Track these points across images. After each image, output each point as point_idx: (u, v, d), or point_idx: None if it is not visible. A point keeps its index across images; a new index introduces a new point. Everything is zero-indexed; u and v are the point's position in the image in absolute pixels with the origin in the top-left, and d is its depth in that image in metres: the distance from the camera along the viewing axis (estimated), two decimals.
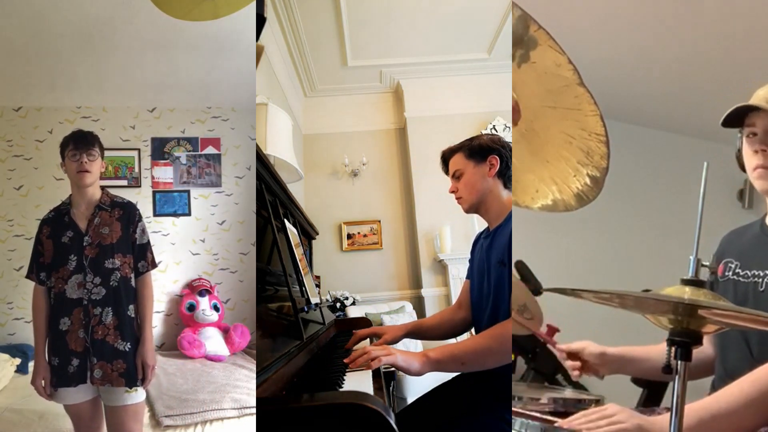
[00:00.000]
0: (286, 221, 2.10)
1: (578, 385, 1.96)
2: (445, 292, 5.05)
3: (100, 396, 1.76)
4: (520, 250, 1.73)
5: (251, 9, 1.67)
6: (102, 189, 1.84)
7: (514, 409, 1.15)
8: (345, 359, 1.41)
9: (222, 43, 3.20)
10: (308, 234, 3.30)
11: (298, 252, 2.11)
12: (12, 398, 2.52)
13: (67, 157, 1.77)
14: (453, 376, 1.77)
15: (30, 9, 2.76)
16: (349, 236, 5.41)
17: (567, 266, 3.13)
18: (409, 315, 4.59)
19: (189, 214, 4.03)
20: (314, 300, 2.08)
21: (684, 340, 0.87)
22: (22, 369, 3.02)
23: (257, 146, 1.72)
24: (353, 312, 4.54)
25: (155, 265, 1.87)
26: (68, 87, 3.63)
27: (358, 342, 1.87)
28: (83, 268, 1.72)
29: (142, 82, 3.68)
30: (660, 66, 2.98)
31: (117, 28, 2.97)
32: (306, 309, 1.92)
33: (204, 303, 3.72)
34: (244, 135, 4.15)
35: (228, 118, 4.16)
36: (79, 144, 1.76)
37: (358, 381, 1.38)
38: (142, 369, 1.73)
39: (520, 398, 1.30)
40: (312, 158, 5.54)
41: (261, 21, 1.96)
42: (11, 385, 2.77)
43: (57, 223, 1.77)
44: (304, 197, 5.36)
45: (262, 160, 1.77)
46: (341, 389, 1.29)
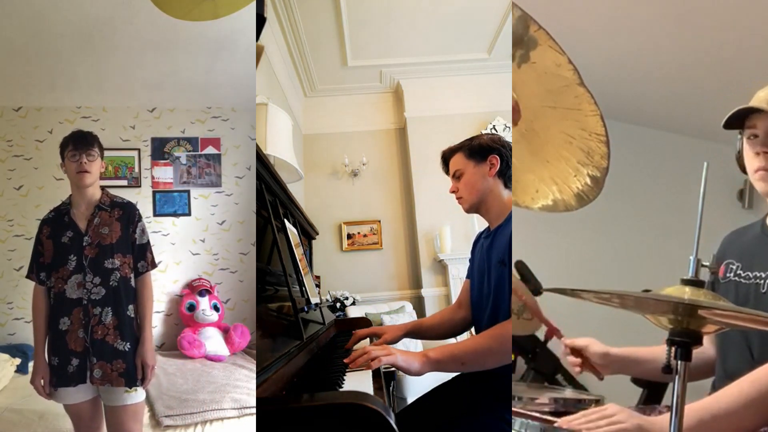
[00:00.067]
0: (286, 221, 2.10)
1: (578, 385, 1.96)
2: (445, 292, 5.05)
3: (100, 396, 1.77)
4: (520, 250, 1.73)
5: (251, 9, 1.67)
6: (102, 189, 1.84)
7: (514, 409, 1.15)
8: (345, 359, 1.41)
9: (222, 43, 3.20)
10: (308, 234, 3.30)
11: (298, 252, 2.11)
12: (12, 398, 2.52)
13: (67, 158, 1.77)
14: (453, 376, 1.77)
15: (30, 9, 2.75)
16: (349, 236, 5.41)
17: (567, 266, 3.12)
18: (409, 315, 4.59)
19: (189, 214, 4.02)
20: (314, 300, 2.08)
21: (684, 341, 0.87)
22: (22, 369, 3.02)
23: (257, 146, 1.72)
24: (353, 312, 4.54)
25: (155, 265, 1.87)
26: (68, 87, 3.63)
27: (358, 342, 1.87)
28: (83, 268, 1.72)
29: (142, 82, 3.68)
30: (660, 66, 2.98)
31: (117, 28, 2.97)
32: (306, 309, 1.92)
33: (204, 303, 3.72)
34: (244, 135, 4.14)
35: (228, 118, 4.15)
36: (79, 144, 1.76)
37: (358, 381, 1.38)
38: (142, 369, 1.73)
39: (520, 398, 1.30)
40: (312, 158, 5.54)
41: (261, 21, 1.96)
42: (11, 385, 2.77)
43: (57, 223, 1.77)
44: (304, 197, 5.36)
45: (262, 160, 1.77)
46: (341, 389, 1.29)
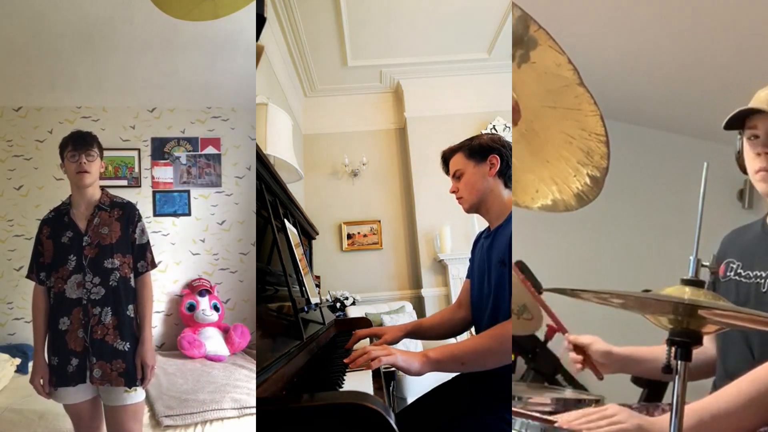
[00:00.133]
0: (286, 221, 2.10)
1: (578, 385, 1.96)
2: (445, 292, 5.05)
3: (100, 396, 1.77)
4: (520, 250, 1.73)
5: (251, 9, 1.67)
6: (102, 189, 1.84)
7: (514, 409, 1.15)
8: (345, 359, 1.41)
9: (222, 43, 3.20)
10: (308, 234, 3.30)
11: (298, 252, 2.11)
12: (12, 398, 2.52)
13: (67, 158, 1.77)
14: (453, 376, 1.77)
15: (30, 9, 2.76)
16: (349, 236, 5.41)
17: (567, 266, 3.12)
18: (409, 315, 4.59)
19: (189, 214, 4.02)
20: (314, 300, 2.07)
21: (684, 340, 0.87)
22: (22, 369, 3.02)
23: (257, 146, 1.72)
24: (353, 312, 4.54)
25: (155, 265, 1.87)
26: (68, 87, 3.63)
27: (358, 342, 1.87)
28: (83, 268, 1.72)
29: (142, 82, 3.68)
30: (660, 66, 2.98)
31: (117, 28, 2.97)
32: (306, 309, 1.92)
33: (204, 303, 3.72)
34: (244, 135, 4.14)
35: (228, 118, 4.15)
36: (78, 145, 1.76)
37: (358, 381, 1.38)
38: (142, 369, 1.73)
39: (520, 398, 1.30)
40: (312, 158, 5.54)
41: (261, 21, 1.96)
42: (11, 385, 2.77)
43: (57, 223, 1.77)
44: (304, 197, 5.36)
45: (262, 160, 1.77)
46: (341, 389, 1.29)
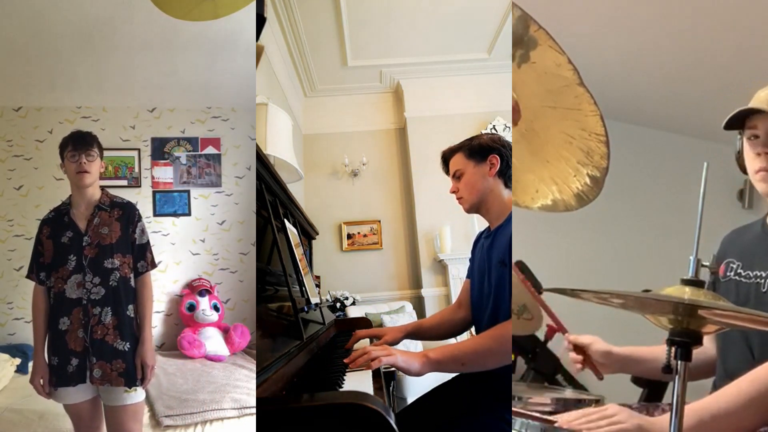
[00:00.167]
0: (286, 221, 2.10)
1: (578, 385, 1.96)
2: (445, 292, 5.05)
3: (100, 396, 1.77)
4: (520, 250, 1.73)
5: (251, 9, 1.67)
6: (102, 189, 1.84)
7: (514, 409, 1.15)
8: (345, 359, 1.41)
9: (222, 43, 3.20)
10: (308, 234, 3.30)
11: (298, 252, 2.11)
12: (12, 398, 2.52)
13: (66, 158, 1.77)
14: (453, 376, 1.77)
15: (30, 9, 2.76)
16: (349, 236, 5.41)
17: (567, 266, 3.12)
18: (409, 315, 4.59)
19: (189, 214, 4.02)
20: (314, 300, 2.07)
21: (684, 340, 0.87)
22: (22, 369, 3.02)
23: (257, 146, 1.72)
24: (353, 312, 4.54)
25: (155, 265, 1.87)
26: (68, 87, 3.63)
27: (358, 342, 1.87)
28: (83, 268, 1.72)
29: (142, 82, 3.68)
30: (660, 66, 2.98)
31: (117, 28, 2.97)
32: (306, 309, 1.92)
33: (204, 303, 3.72)
34: (244, 135, 4.14)
35: (228, 118, 4.15)
36: (78, 145, 1.76)
37: (358, 381, 1.38)
38: (142, 369, 1.73)
39: (520, 398, 1.30)
40: (312, 158, 5.54)
41: (261, 21, 1.96)
42: (11, 385, 2.77)
43: (57, 223, 1.77)
44: (304, 197, 5.36)
45: (262, 160, 1.77)
46: (341, 389, 1.29)
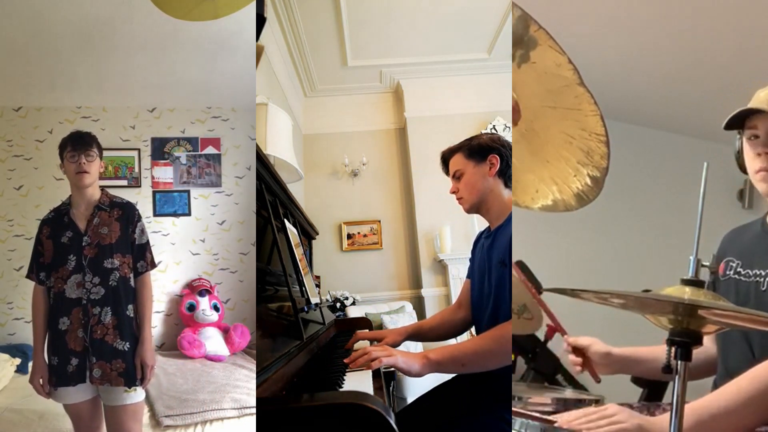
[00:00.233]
0: (286, 221, 2.10)
1: (578, 385, 1.96)
2: (445, 292, 5.05)
3: (100, 396, 1.77)
4: (521, 250, 1.73)
5: (251, 9, 1.67)
6: (101, 189, 1.84)
7: (514, 409, 1.15)
8: (345, 359, 1.41)
9: (222, 43, 3.20)
10: (308, 234, 3.30)
11: (298, 252, 2.11)
12: (12, 398, 2.52)
13: (66, 159, 1.77)
14: (453, 376, 1.77)
15: (30, 9, 2.75)
16: (349, 236, 5.41)
17: (567, 266, 3.13)
18: (409, 315, 4.59)
19: (189, 214, 4.02)
20: (314, 300, 2.07)
21: (684, 340, 0.87)
22: (22, 369, 3.02)
23: (257, 146, 1.72)
24: (353, 312, 4.54)
25: (154, 265, 1.87)
26: (68, 87, 3.63)
27: (358, 342, 1.87)
28: (82, 268, 1.72)
29: (142, 82, 3.68)
30: (660, 66, 2.98)
31: (117, 28, 2.97)
32: (306, 309, 1.92)
33: (204, 303, 3.72)
34: (244, 135, 4.15)
35: (228, 118, 4.16)
36: (77, 145, 1.76)
37: (358, 381, 1.38)
38: (141, 369, 1.73)
39: (520, 398, 1.30)
40: (312, 158, 5.54)
41: (261, 21, 1.96)
42: (11, 385, 2.77)
43: (57, 224, 1.77)
44: (304, 197, 5.36)
45: (262, 160, 1.77)
46: (341, 389, 1.29)
